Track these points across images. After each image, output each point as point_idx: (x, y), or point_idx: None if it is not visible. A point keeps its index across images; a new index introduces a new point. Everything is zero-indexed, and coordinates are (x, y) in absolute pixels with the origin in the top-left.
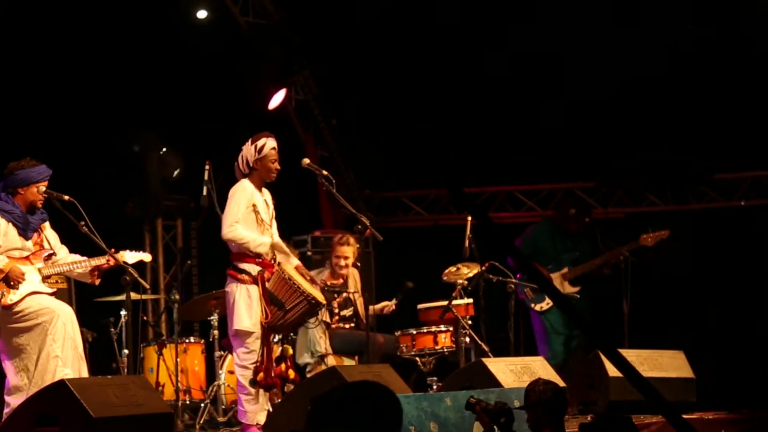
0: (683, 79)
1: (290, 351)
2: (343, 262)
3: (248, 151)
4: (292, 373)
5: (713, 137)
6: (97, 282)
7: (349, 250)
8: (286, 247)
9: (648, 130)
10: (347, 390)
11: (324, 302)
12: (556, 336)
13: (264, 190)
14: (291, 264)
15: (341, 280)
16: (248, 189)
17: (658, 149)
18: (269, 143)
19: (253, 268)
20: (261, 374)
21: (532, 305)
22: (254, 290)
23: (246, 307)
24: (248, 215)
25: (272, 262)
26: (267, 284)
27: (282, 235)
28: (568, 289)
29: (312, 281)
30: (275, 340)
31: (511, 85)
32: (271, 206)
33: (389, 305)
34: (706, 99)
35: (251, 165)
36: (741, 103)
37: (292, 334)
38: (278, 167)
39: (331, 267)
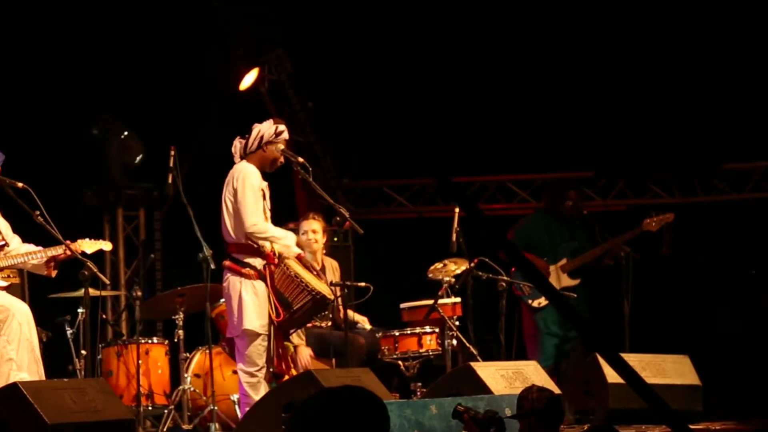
0: (690, 64)
1: (291, 350)
2: (312, 236)
3: (268, 128)
4: (294, 372)
5: (722, 125)
6: (54, 274)
7: (315, 224)
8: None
9: (651, 117)
10: (330, 396)
11: (332, 297)
12: (549, 337)
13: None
14: (292, 253)
15: (317, 267)
16: (256, 173)
17: (663, 138)
18: (286, 134)
19: (258, 262)
20: (286, 377)
21: (529, 301)
22: (260, 286)
23: (254, 306)
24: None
25: (273, 254)
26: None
27: None
28: (568, 281)
29: (318, 275)
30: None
31: (504, 68)
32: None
33: (365, 321)
34: (713, 85)
35: (263, 145)
36: (751, 90)
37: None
38: (282, 162)
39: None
